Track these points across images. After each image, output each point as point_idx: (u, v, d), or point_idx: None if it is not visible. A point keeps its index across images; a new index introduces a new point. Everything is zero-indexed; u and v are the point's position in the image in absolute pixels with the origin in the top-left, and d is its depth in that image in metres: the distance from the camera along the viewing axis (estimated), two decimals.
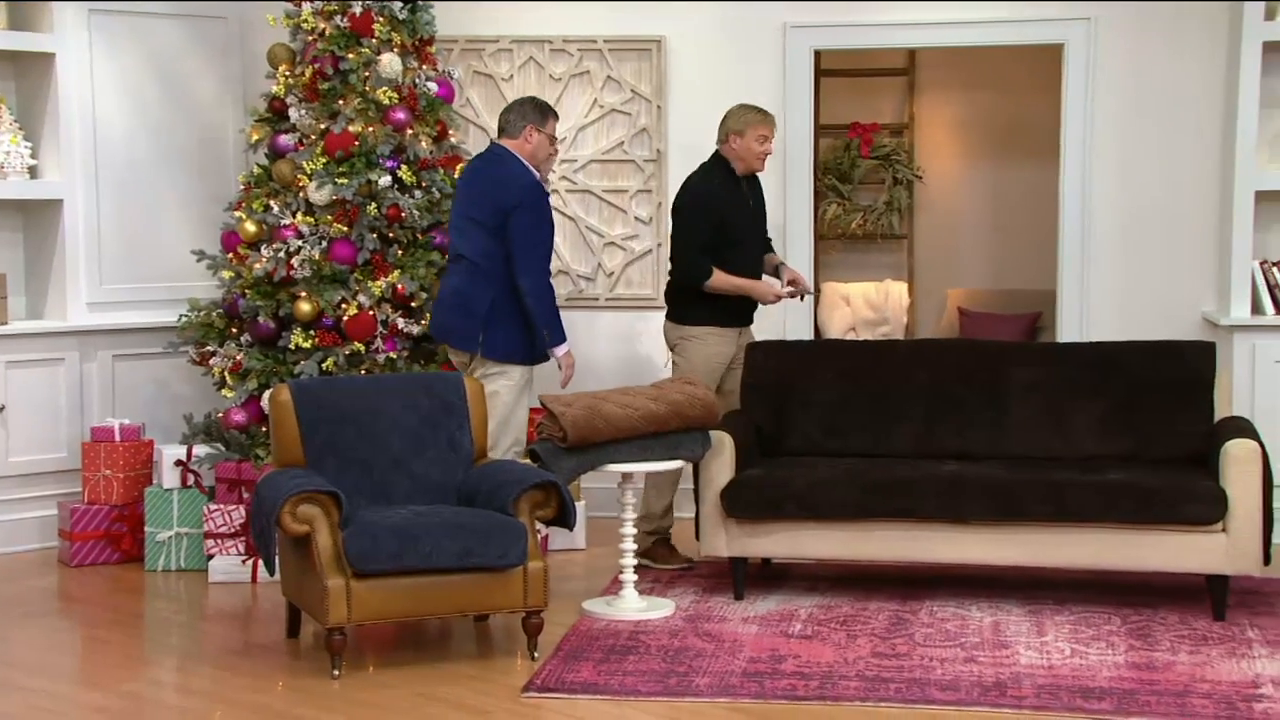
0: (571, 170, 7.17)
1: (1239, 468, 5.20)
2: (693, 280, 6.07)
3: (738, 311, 6.20)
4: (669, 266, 6.26)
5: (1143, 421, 5.73)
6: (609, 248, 7.20)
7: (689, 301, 6.15)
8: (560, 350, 5.82)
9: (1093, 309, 6.89)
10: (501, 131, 5.85)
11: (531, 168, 5.76)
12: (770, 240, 6.46)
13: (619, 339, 7.23)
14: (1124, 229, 6.86)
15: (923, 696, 4.51)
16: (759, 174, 6.27)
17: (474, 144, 7.12)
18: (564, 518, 5.09)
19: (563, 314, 7.15)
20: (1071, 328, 6.91)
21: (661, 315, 7.21)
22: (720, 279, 6.04)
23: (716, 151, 6.20)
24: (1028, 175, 9.40)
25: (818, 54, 7.29)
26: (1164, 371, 5.78)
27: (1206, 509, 5.19)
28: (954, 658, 4.86)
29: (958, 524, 5.41)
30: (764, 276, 6.25)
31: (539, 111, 5.83)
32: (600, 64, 7.13)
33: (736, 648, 5.01)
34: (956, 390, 5.91)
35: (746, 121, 6.11)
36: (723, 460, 5.59)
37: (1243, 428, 5.45)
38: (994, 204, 9.80)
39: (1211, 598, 5.29)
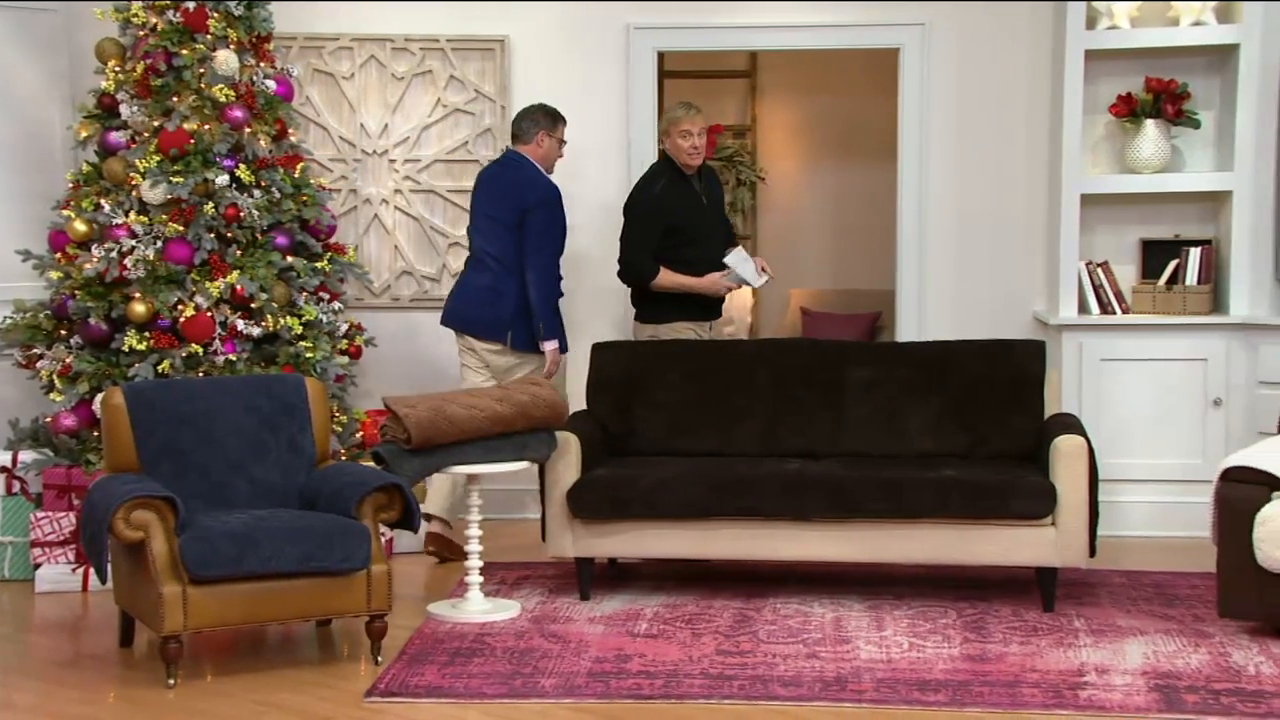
0: (415, 170, 7.11)
1: (1067, 463, 5.35)
2: (638, 280, 6.24)
3: (706, 304, 6.34)
4: (618, 269, 6.37)
5: (976, 419, 5.86)
6: (454, 248, 7.15)
7: (657, 300, 6.27)
8: (549, 345, 6.18)
9: (929, 309, 7.05)
10: (515, 138, 6.33)
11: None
12: (731, 230, 6.60)
13: None
14: (959, 231, 7.03)
15: (765, 693, 4.56)
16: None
17: (314, 143, 7.04)
18: (408, 520, 5.05)
19: (408, 315, 7.19)
20: (910, 327, 7.06)
21: None
22: (667, 278, 6.20)
23: (663, 151, 6.34)
24: (867, 177, 9.58)
25: (661, 55, 7.34)
26: (996, 370, 5.92)
27: (1036, 504, 5.33)
28: (796, 654, 4.93)
29: (799, 522, 5.48)
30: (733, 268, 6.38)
31: (549, 118, 6.30)
32: (443, 63, 7.08)
33: (582, 648, 5.02)
34: (799, 389, 6.00)
35: (669, 120, 6.27)
36: (568, 461, 5.59)
37: (1070, 424, 5.62)
38: (835, 205, 9.98)
39: (1041, 590, 5.44)
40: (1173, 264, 6.66)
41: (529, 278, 6.14)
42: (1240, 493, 5.03)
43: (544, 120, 6.28)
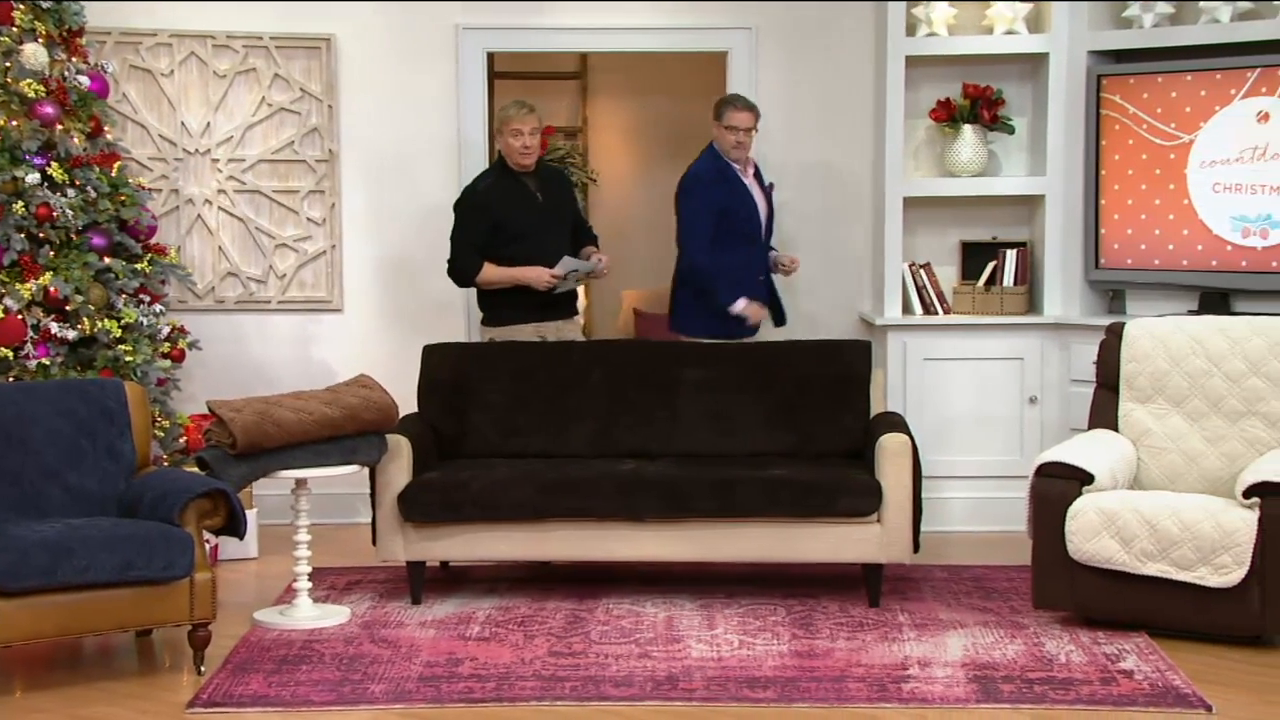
0: (240, 170, 6.96)
1: (891, 461, 5.46)
2: (461, 276, 6.22)
3: (551, 303, 6.27)
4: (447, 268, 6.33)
5: (805, 418, 5.96)
6: (280, 249, 7.02)
7: (496, 302, 6.23)
8: (737, 307, 6.28)
9: None
10: None
11: (725, 158, 6.35)
12: (590, 229, 6.61)
13: (293, 342, 7.07)
14: (789, 232, 7.12)
15: (597, 694, 4.57)
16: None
17: (132, 141, 6.85)
18: (233, 526, 4.95)
19: (233, 317, 7.04)
20: None
21: (337, 317, 7.12)
22: (491, 272, 6.17)
23: (499, 151, 6.31)
24: None
25: (491, 56, 7.31)
26: (825, 369, 6.03)
27: (862, 501, 5.42)
28: (628, 654, 4.95)
29: (632, 522, 5.51)
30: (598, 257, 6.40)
31: (716, 108, 6.42)
32: (267, 61, 6.94)
33: (413, 652, 4.98)
34: (631, 390, 6.03)
35: (501, 119, 6.23)
36: (400, 464, 5.54)
37: (895, 423, 5.74)
38: (667, 207, 9.95)
39: (867, 586, 5.55)
40: (991, 265, 6.86)
41: (680, 264, 6.47)
42: (1053, 488, 5.18)
43: (713, 112, 6.40)
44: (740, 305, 6.29)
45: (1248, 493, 4.93)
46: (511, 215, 6.19)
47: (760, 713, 4.43)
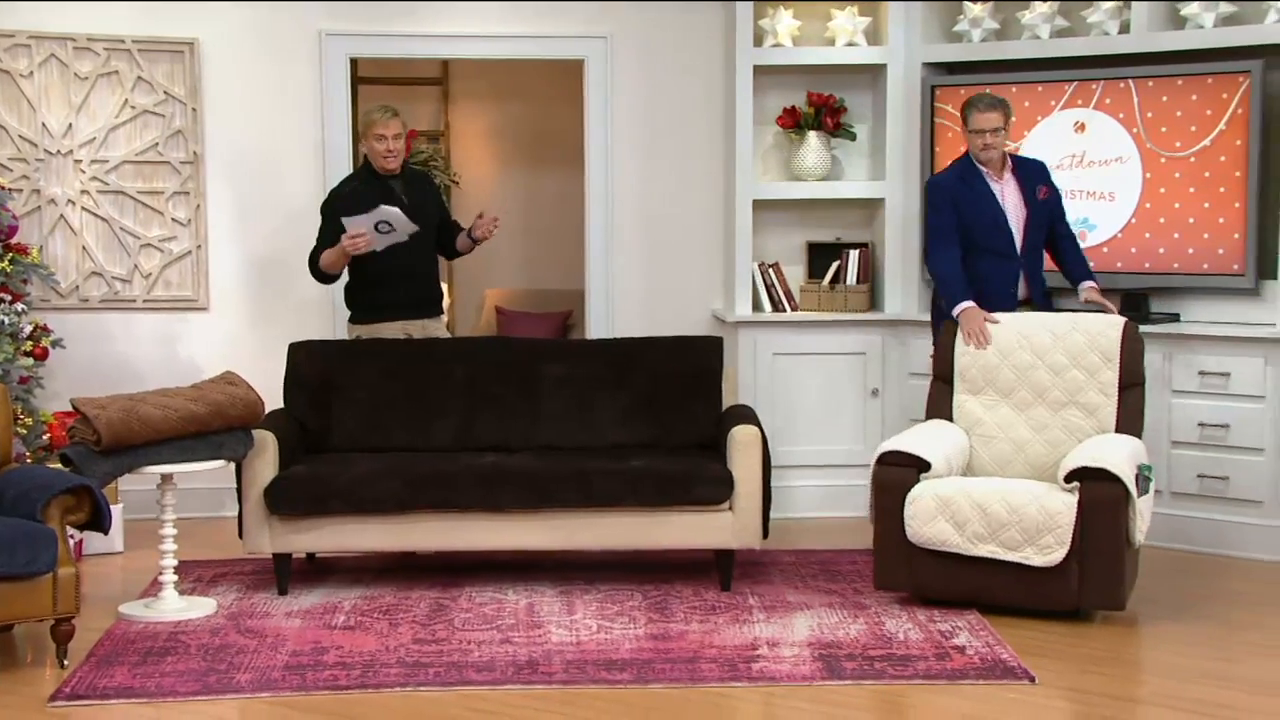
0: (103, 171, 6.98)
1: (742, 451, 5.67)
2: (311, 268, 6.22)
3: (418, 302, 6.31)
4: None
5: (662, 411, 6.14)
6: (146, 249, 7.05)
7: (362, 301, 6.25)
8: (956, 310, 5.95)
9: (618, 307, 7.33)
10: None
11: (977, 163, 6.05)
12: (457, 223, 6.56)
13: (159, 341, 7.08)
14: (643, 233, 7.34)
15: (460, 679, 4.69)
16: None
17: None
18: (98, 522, 4.98)
19: (98, 316, 7.02)
20: (600, 325, 7.32)
21: (203, 315, 7.14)
22: (324, 256, 6.15)
23: (365, 155, 6.31)
24: (558, 181, 9.86)
25: (354, 61, 7.39)
26: (679, 365, 6.21)
27: (715, 490, 5.62)
28: (490, 639, 5.08)
29: (495, 513, 5.63)
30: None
31: (961, 111, 6.16)
32: (130, 64, 6.96)
33: (279, 642, 5.06)
34: (494, 386, 6.15)
35: (365, 123, 6.25)
36: (266, 459, 5.61)
37: (746, 415, 5.94)
38: (527, 208, 10.21)
39: (719, 571, 5.76)
40: (835, 265, 7.12)
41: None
42: (893, 475, 5.43)
43: (960, 117, 6.18)
44: (958, 308, 5.93)
45: (1068, 478, 5.23)
46: None
47: (617, 694, 4.58)
